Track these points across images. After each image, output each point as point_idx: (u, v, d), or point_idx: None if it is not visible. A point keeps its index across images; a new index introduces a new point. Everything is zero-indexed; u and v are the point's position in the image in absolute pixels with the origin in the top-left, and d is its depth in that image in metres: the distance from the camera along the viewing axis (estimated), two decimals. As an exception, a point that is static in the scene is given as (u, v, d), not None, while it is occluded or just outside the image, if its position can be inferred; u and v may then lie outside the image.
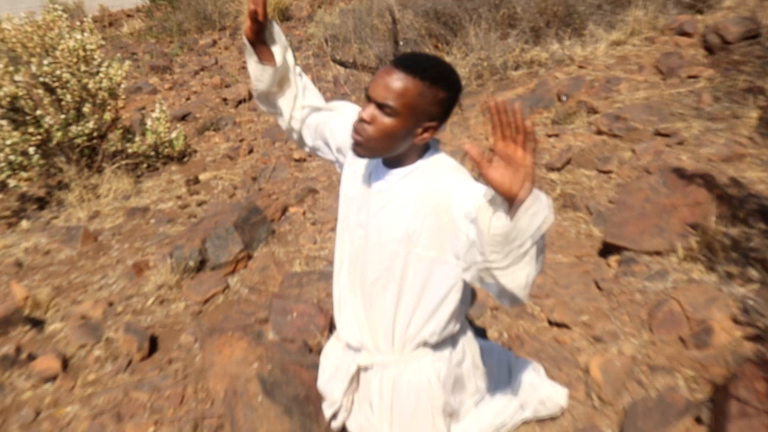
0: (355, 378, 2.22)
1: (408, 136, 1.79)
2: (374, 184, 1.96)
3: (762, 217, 3.74)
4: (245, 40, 2.06)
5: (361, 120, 1.76)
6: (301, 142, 2.39)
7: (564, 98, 6.34)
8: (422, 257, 1.90)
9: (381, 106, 1.73)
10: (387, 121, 1.74)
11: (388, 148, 1.81)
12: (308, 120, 2.29)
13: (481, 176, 1.50)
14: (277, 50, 2.11)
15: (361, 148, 1.80)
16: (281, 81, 2.20)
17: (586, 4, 7.62)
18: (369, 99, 1.77)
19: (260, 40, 2.08)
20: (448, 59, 7.76)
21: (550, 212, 1.53)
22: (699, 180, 3.88)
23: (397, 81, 1.71)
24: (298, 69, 2.24)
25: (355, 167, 2.06)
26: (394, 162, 1.91)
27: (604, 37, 7.42)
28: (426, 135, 1.80)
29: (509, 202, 1.49)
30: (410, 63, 1.73)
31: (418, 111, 1.74)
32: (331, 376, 2.32)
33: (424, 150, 1.90)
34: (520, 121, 1.43)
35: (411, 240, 1.89)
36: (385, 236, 1.92)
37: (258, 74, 2.12)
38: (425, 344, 2.06)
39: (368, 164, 2.01)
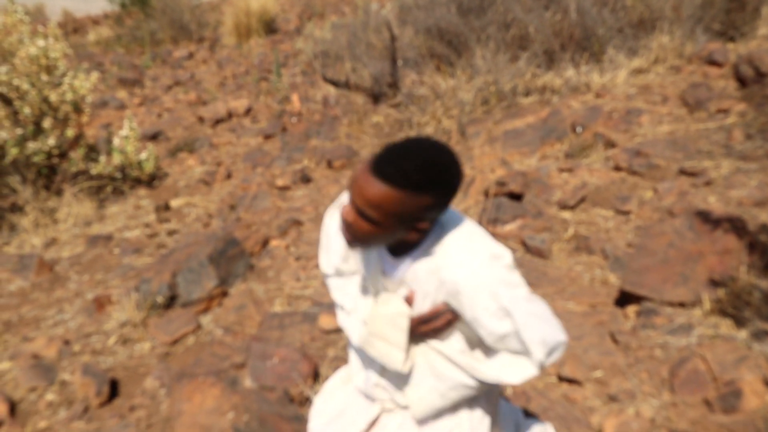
0: (373, 422, 2.23)
1: (395, 236, 1.79)
2: (384, 266, 1.99)
3: (797, 268, 3.78)
4: None
5: (343, 218, 1.77)
6: None
7: (579, 129, 6.42)
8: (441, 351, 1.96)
9: (359, 212, 1.72)
10: (367, 227, 1.74)
11: (378, 245, 1.84)
12: None
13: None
14: None
15: (351, 244, 1.82)
16: None
17: (606, 26, 7.73)
18: (350, 197, 1.75)
19: None
20: (451, 82, 7.85)
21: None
22: (728, 225, 3.92)
23: (373, 190, 1.67)
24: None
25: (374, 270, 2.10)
26: (395, 249, 1.93)
27: (624, 64, 7.53)
28: (416, 234, 1.80)
29: None
30: (389, 168, 1.67)
31: (402, 218, 1.72)
32: (333, 419, 2.32)
33: (428, 229, 1.86)
34: None
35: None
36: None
37: None
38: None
39: (388, 265, 2.01)
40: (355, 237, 1.78)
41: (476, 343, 1.97)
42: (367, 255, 2.03)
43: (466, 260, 1.80)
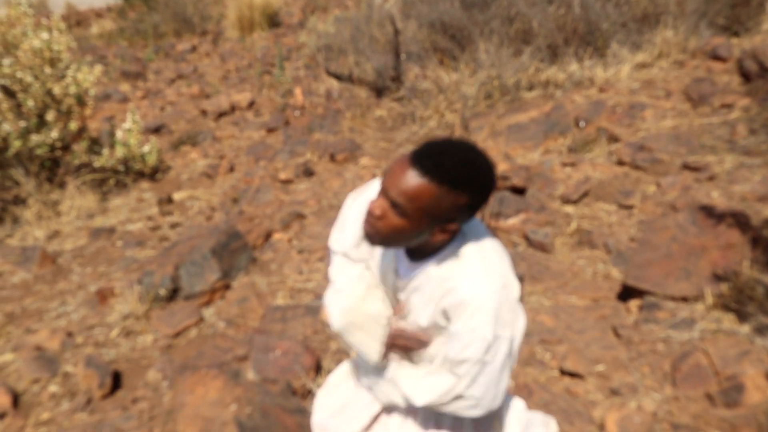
0: (375, 418, 2.23)
1: (421, 236, 1.78)
2: (398, 268, 1.99)
3: (800, 263, 3.78)
4: None
5: (370, 212, 1.75)
6: None
7: (582, 124, 6.41)
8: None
9: (393, 204, 1.70)
10: (397, 221, 1.72)
11: (400, 244, 1.82)
12: None
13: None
14: None
15: (371, 239, 1.80)
16: None
17: (610, 21, 7.71)
18: (381, 190, 1.74)
19: None
20: (454, 77, 7.84)
21: None
22: (731, 220, 3.92)
23: (411, 181, 1.67)
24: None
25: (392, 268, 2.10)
26: (414, 252, 1.91)
27: (628, 59, 7.52)
28: (444, 236, 1.78)
29: None
30: (429, 161, 1.67)
31: (434, 215, 1.71)
32: (336, 413, 2.33)
33: (451, 237, 1.86)
34: None
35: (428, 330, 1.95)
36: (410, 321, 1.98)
37: None
38: None
39: (406, 268, 2.01)
40: (379, 233, 1.76)
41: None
42: (385, 251, 2.02)
43: (480, 280, 1.79)
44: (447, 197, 1.67)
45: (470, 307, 1.77)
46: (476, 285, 1.77)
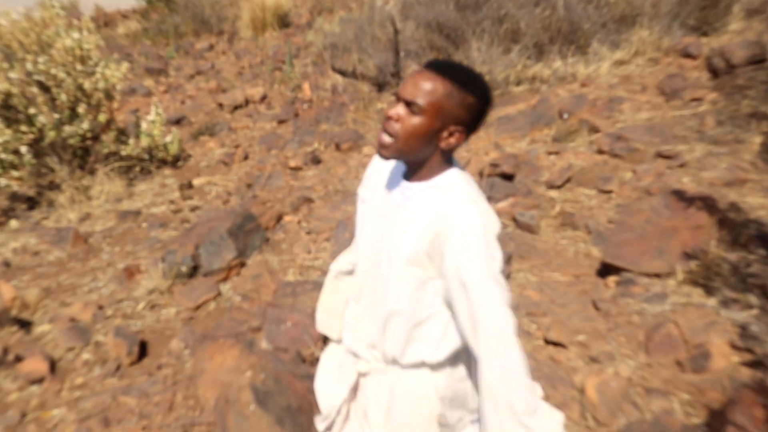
0: (354, 387, 2.24)
1: (434, 139, 1.82)
2: (392, 197, 1.99)
3: (762, 243, 3.79)
4: None
5: (388, 118, 1.79)
6: None
7: (566, 116, 6.40)
8: (417, 276, 1.93)
9: (409, 104, 1.77)
10: (414, 120, 1.78)
11: (414, 149, 1.83)
12: None
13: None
14: None
15: (387, 149, 1.83)
16: None
17: (591, 21, 7.69)
18: (398, 99, 1.80)
19: None
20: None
21: None
22: (700, 204, 3.92)
23: (427, 80, 1.75)
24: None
25: (377, 179, 2.10)
26: (414, 174, 1.93)
27: (607, 56, 7.50)
28: (452, 140, 1.82)
29: None
30: (442, 65, 1.78)
31: (446, 112, 1.77)
32: (335, 379, 2.34)
33: (446, 166, 1.92)
34: None
35: (411, 259, 1.92)
36: (396, 251, 1.95)
37: None
38: (423, 364, 2.08)
39: (390, 177, 2.05)
40: (396, 138, 1.81)
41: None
42: (384, 178, 2.07)
43: (470, 207, 1.82)
44: (457, 94, 1.76)
45: (462, 228, 1.79)
46: (467, 211, 1.81)
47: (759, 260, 3.69)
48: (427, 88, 1.75)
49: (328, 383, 2.37)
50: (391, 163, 2.06)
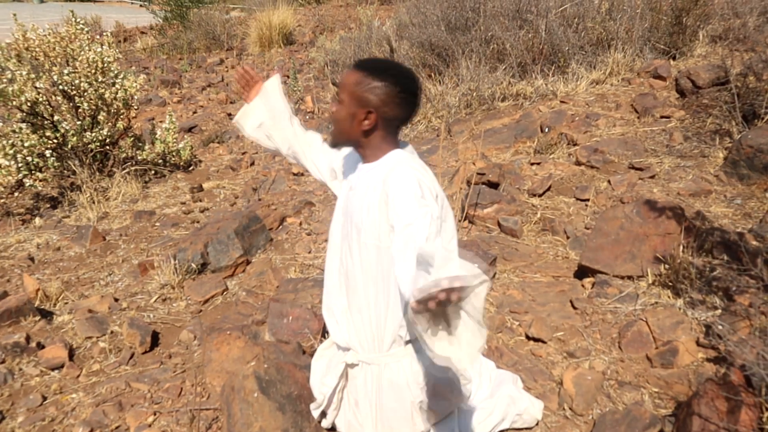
0: (344, 376, 2.23)
1: (353, 122, 1.95)
2: (351, 182, 2.12)
3: (725, 249, 3.78)
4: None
5: (329, 111, 1.98)
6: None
7: (546, 130, 6.39)
8: (379, 247, 1.95)
9: (335, 97, 1.99)
10: (336, 108, 2.00)
11: (342, 132, 2.01)
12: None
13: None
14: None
15: (333, 138, 2.07)
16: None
17: (570, 44, 7.68)
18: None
19: None
20: (440, 88, 7.82)
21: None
22: (669, 212, 3.91)
23: (346, 75, 1.97)
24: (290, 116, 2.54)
25: (350, 180, 2.15)
26: (365, 158, 2.06)
27: (585, 76, 7.49)
28: (366, 122, 1.93)
29: None
30: (360, 61, 2.00)
31: (355, 98, 1.92)
32: (323, 374, 2.34)
33: (390, 147, 2.02)
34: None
35: (370, 231, 1.97)
36: (361, 227, 2.00)
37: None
38: (403, 340, 2.08)
39: (351, 166, 2.19)
40: (332, 125, 2.04)
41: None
42: (348, 162, 2.24)
43: (407, 168, 1.91)
44: (364, 81, 1.91)
45: (399, 181, 1.85)
46: (403, 171, 1.90)
47: (722, 265, 3.68)
48: (343, 80, 1.97)
49: (319, 377, 2.38)
50: (350, 153, 2.23)
